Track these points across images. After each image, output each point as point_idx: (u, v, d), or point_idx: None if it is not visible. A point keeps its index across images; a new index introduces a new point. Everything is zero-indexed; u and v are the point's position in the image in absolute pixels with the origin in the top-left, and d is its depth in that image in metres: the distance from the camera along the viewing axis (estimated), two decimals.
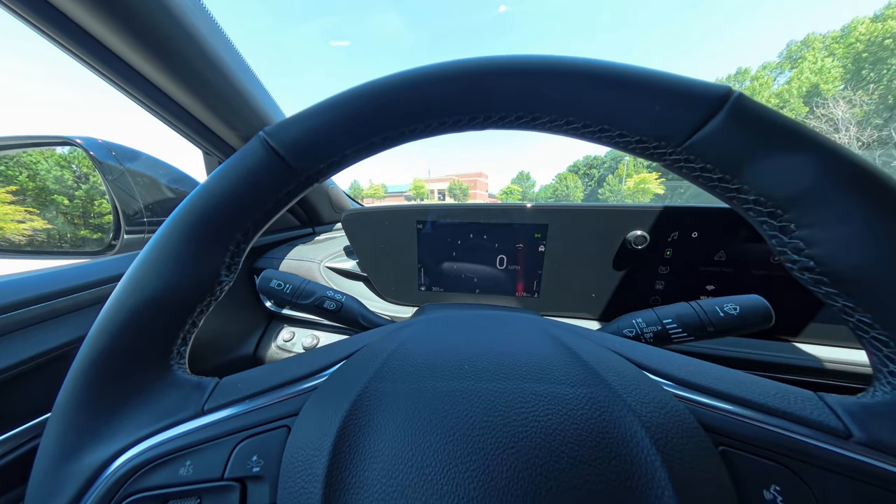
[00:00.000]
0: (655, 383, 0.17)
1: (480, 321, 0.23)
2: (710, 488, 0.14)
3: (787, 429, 0.15)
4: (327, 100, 0.17)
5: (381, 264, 0.62)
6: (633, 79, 0.15)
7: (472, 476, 0.13)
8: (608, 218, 0.50)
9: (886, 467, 0.14)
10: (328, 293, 0.39)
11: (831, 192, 0.14)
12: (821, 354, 0.45)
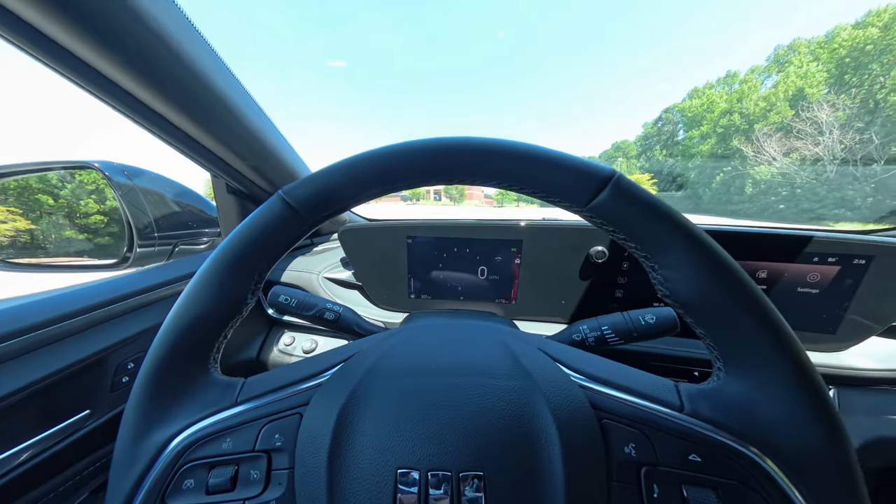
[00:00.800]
0: (566, 376, 0.25)
1: (450, 330, 0.30)
2: (588, 445, 0.21)
3: (645, 406, 0.23)
4: (332, 164, 0.24)
5: (374, 275, 0.67)
6: (553, 161, 0.22)
7: (432, 436, 0.20)
8: (574, 234, 0.57)
9: (698, 430, 0.21)
10: (328, 305, 0.45)
11: (670, 247, 0.21)
12: None
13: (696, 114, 68.87)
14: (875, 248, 0.46)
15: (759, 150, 47.15)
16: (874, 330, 0.51)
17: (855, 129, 40.42)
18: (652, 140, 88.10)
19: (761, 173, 49.28)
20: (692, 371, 0.58)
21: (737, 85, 65.96)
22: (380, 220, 0.90)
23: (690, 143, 71.04)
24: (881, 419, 0.53)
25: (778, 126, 50.38)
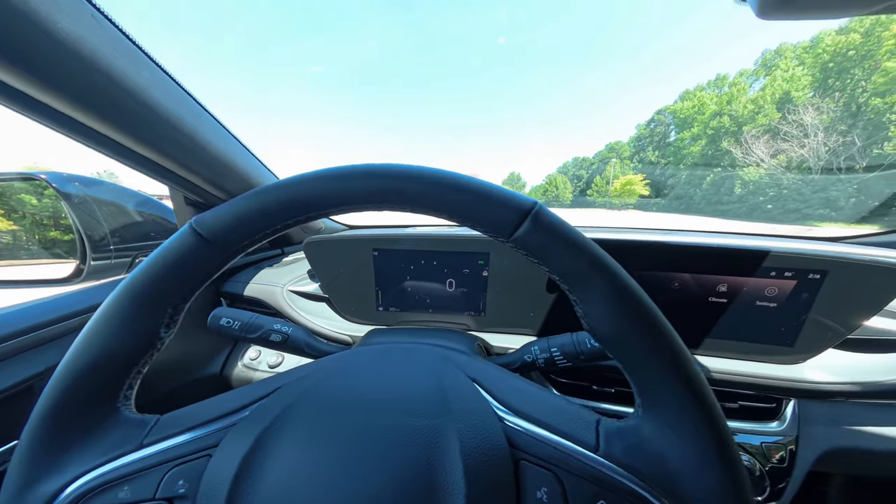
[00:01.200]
0: (490, 410, 0.24)
1: (386, 358, 0.30)
2: (496, 492, 0.20)
3: (561, 446, 0.22)
4: (243, 196, 0.23)
5: (341, 287, 0.67)
6: (475, 192, 0.21)
7: (330, 486, 0.19)
8: None
9: (608, 473, 0.20)
10: (275, 326, 0.44)
11: (586, 282, 0.21)
12: (709, 365, 0.54)
13: (688, 115, 70.22)
14: (829, 262, 0.47)
15: (748, 151, 48.32)
16: (830, 342, 0.52)
17: (838, 131, 41.68)
18: (644, 141, 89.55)
19: (750, 174, 50.49)
20: None
21: (726, 87, 67.48)
22: (350, 229, 0.87)
23: (682, 144, 72.38)
24: (839, 430, 0.54)
25: (765, 128, 51.69)
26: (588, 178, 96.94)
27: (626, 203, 74.68)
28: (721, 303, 0.51)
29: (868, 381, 0.50)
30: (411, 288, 0.64)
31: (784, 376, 0.52)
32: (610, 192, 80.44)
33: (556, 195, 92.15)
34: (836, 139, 41.26)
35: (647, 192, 75.60)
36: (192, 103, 0.48)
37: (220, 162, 0.57)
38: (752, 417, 0.55)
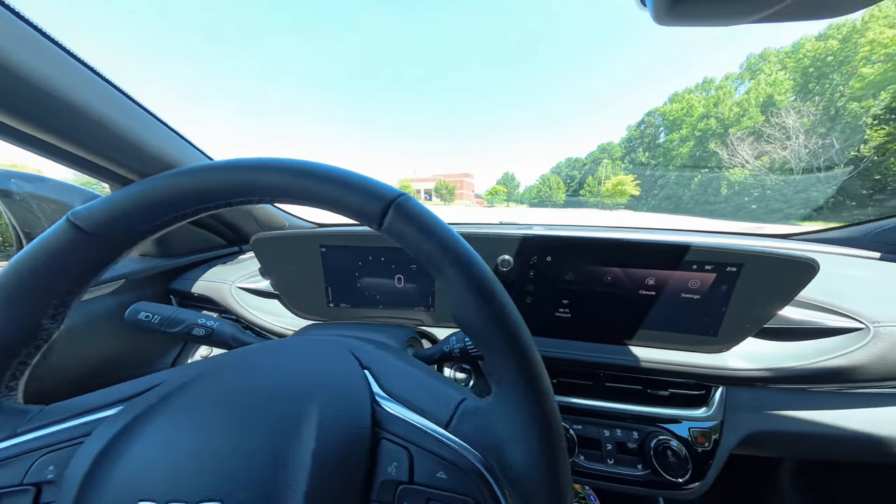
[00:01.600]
0: (366, 396, 0.25)
1: (285, 350, 0.31)
2: (346, 469, 0.21)
3: (418, 423, 0.24)
4: (126, 188, 0.23)
5: (291, 284, 0.67)
6: (346, 183, 0.22)
7: (179, 467, 0.20)
8: (482, 243, 0.59)
9: (452, 446, 0.22)
10: (199, 320, 0.44)
11: (444, 271, 0.21)
12: (640, 354, 0.59)
13: (677, 117, 71.80)
14: (744, 256, 0.51)
15: (734, 153, 49.69)
16: (749, 332, 0.56)
17: (818, 134, 43.23)
18: (635, 142, 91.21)
19: (735, 175, 51.93)
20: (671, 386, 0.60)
21: (713, 90, 69.23)
22: (305, 225, 0.90)
23: (671, 145, 73.99)
24: (761, 415, 0.59)
25: (750, 130, 53.24)
26: (581, 179, 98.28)
27: (618, 203, 75.93)
28: (650, 295, 0.55)
29: (780, 367, 0.54)
30: (361, 284, 0.65)
31: (709, 364, 0.56)
32: (602, 192, 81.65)
33: (550, 195, 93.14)
34: (815, 141, 42.79)
35: (637, 192, 77.01)
36: (85, 74, 0.45)
37: (126, 141, 0.53)
38: (683, 404, 0.59)
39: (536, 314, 0.61)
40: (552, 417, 0.21)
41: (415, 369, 0.30)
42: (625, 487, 0.57)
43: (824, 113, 43.72)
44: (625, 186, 75.31)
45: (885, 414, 0.57)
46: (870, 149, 35.91)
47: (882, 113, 35.82)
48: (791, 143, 44.15)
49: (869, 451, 0.58)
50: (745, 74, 67.77)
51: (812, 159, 42.39)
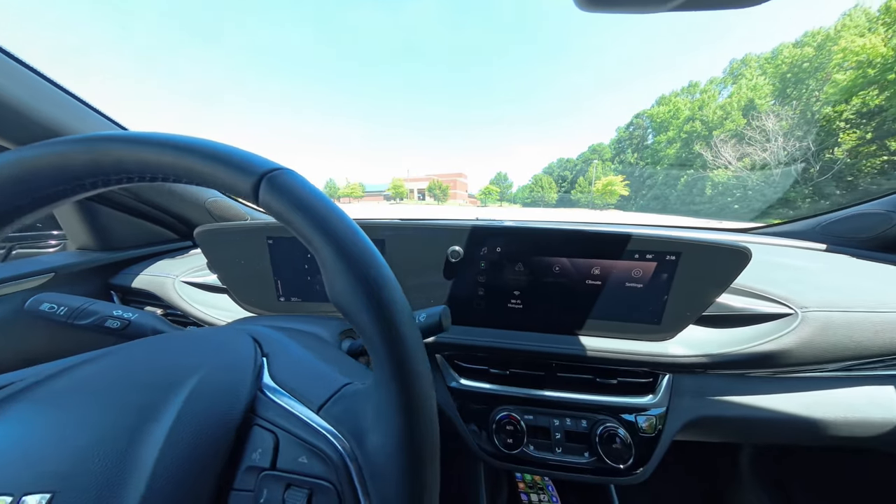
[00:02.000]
0: (246, 385, 0.25)
1: (188, 339, 0.29)
2: (201, 458, 0.20)
3: (294, 408, 0.23)
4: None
5: (238, 278, 0.64)
6: (216, 156, 0.20)
7: (18, 459, 0.18)
8: (432, 234, 0.59)
9: (320, 430, 0.22)
10: (114, 312, 0.40)
11: (318, 251, 0.21)
12: (589, 344, 0.59)
13: (664, 120, 73.67)
14: (682, 245, 0.52)
15: (717, 154, 51.35)
16: (690, 319, 0.57)
17: (796, 137, 45.14)
18: (624, 143, 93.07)
19: (719, 176, 53.70)
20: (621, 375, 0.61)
21: (698, 94, 71.29)
22: (265, 217, 0.87)
23: (658, 147, 75.84)
24: (703, 400, 0.60)
25: (733, 133, 55.11)
26: (572, 179, 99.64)
27: (608, 203, 77.40)
28: (597, 285, 0.56)
29: (717, 352, 0.55)
30: (310, 277, 0.62)
31: (653, 352, 0.57)
32: (592, 192, 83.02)
33: (542, 195, 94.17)
34: (793, 144, 44.68)
35: (627, 192, 78.59)
36: None
37: None
38: (631, 392, 0.61)
39: (490, 306, 0.61)
40: (417, 408, 0.19)
41: (315, 357, 0.29)
42: (572, 476, 0.58)
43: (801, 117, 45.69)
44: (614, 187, 76.75)
45: (816, 398, 0.59)
46: (843, 151, 37.69)
47: (853, 117, 37.70)
48: (771, 146, 45.95)
49: (805, 434, 0.60)
50: (728, 79, 70.14)
51: (790, 161, 44.23)
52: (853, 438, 0.61)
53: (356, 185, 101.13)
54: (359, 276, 0.20)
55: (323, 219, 0.20)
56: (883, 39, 36.18)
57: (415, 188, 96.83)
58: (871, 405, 0.59)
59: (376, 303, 0.19)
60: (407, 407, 0.19)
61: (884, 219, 0.83)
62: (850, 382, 0.60)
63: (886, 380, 0.60)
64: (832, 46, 39.94)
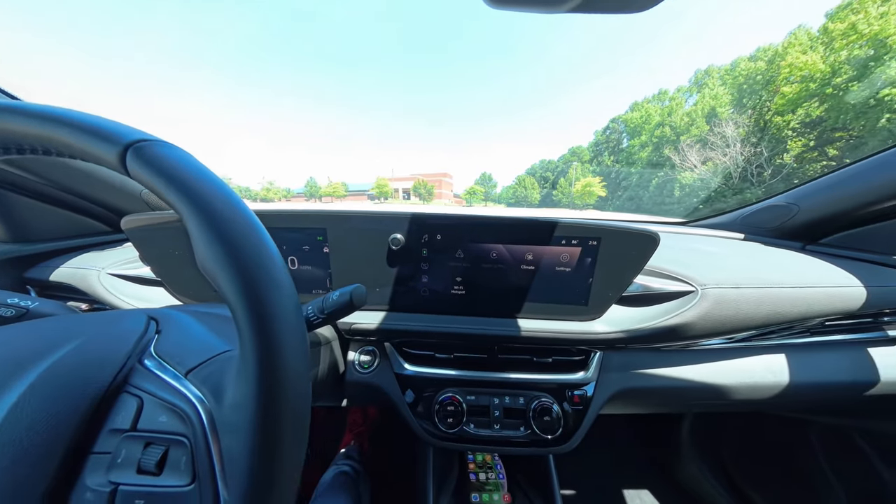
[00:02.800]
0: (122, 352, 0.26)
1: (65, 320, 0.29)
2: (59, 422, 0.21)
3: (165, 372, 0.25)
4: None
5: (173, 270, 0.62)
6: (82, 126, 0.19)
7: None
8: (373, 223, 0.59)
9: (184, 392, 0.23)
10: (9, 300, 0.38)
11: (188, 222, 0.19)
12: (527, 325, 0.62)
13: (637, 124, 77.79)
14: (601, 230, 0.56)
15: (685, 158, 54.94)
16: (612, 299, 0.61)
17: (751, 143, 49.26)
18: (602, 146, 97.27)
19: (686, 178, 57.49)
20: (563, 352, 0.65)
21: (667, 101, 76.02)
22: None
23: (633, 150, 79.95)
24: (627, 374, 0.66)
25: (698, 138, 59.25)
26: (553, 180, 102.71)
27: (588, 203, 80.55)
28: (530, 269, 0.59)
29: (632, 328, 0.61)
30: None
31: (581, 330, 0.61)
32: (572, 193, 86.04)
33: (526, 195, 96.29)
34: (749, 149, 48.74)
35: (604, 193, 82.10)
36: None
37: None
38: (566, 370, 0.65)
39: (435, 292, 0.63)
40: (271, 365, 0.19)
41: (208, 331, 0.30)
42: (509, 449, 0.62)
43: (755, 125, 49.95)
44: (593, 188, 79.89)
45: (721, 367, 0.67)
46: (790, 157, 41.57)
47: (799, 126, 41.71)
48: (730, 151, 49.79)
49: (713, 399, 0.68)
50: (693, 88, 75.28)
51: (747, 165, 48.24)
52: (752, 401, 0.69)
53: (338, 184, 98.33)
54: (217, 236, 0.19)
55: (191, 186, 0.19)
56: (822, 57, 40.31)
57: (400, 188, 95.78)
58: (765, 371, 0.67)
59: (233, 261, 0.19)
60: (259, 361, 0.19)
61: (785, 210, 0.94)
62: (750, 352, 0.68)
63: (779, 349, 0.69)
64: (780, 61, 43.95)
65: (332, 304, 0.37)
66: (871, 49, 36.62)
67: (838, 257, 0.78)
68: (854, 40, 36.34)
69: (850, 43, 36.63)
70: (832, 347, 0.70)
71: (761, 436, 1.11)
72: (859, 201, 0.77)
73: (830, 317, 0.65)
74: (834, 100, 37.69)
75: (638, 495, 1.21)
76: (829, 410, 0.85)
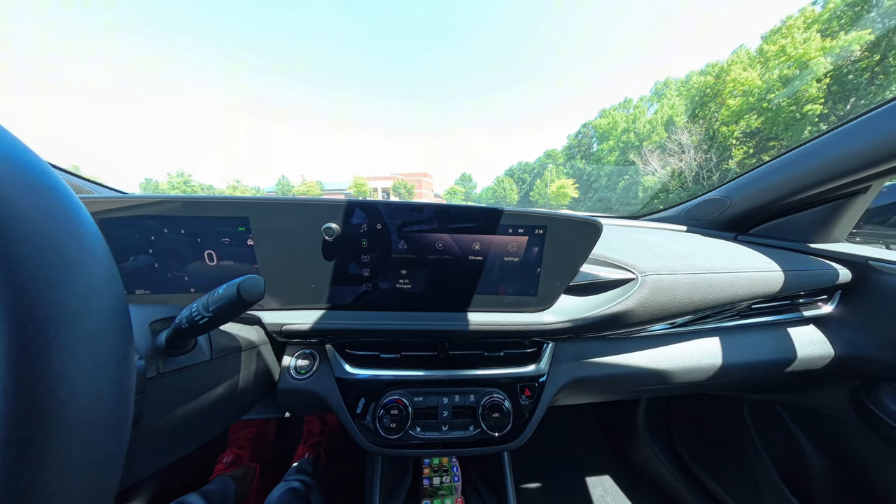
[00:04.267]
0: None
1: None
2: None
3: None
4: None
5: None
6: None
7: None
8: (303, 211, 0.52)
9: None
10: None
11: None
12: (476, 319, 0.60)
13: (605, 130, 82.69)
14: (546, 219, 0.55)
15: (647, 162, 59.23)
16: (560, 289, 0.60)
17: (702, 150, 54.17)
18: (574, 150, 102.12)
19: (648, 181, 62.04)
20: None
21: (631, 109, 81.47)
22: (110, 194, 0.73)
23: (602, 154, 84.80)
24: (576, 364, 0.67)
25: (658, 144, 64.08)
26: (530, 182, 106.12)
27: (562, 204, 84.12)
28: (478, 261, 0.57)
29: (578, 317, 0.60)
30: (160, 264, 0.52)
31: (530, 322, 0.60)
32: (548, 194, 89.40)
33: (505, 195, 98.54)
34: (701, 156, 53.60)
35: (577, 194, 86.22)
36: None
37: None
38: (518, 363, 0.64)
39: (378, 287, 0.59)
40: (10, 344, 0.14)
41: None
42: (457, 451, 0.60)
43: (706, 133, 55.03)
44: (566, 189, 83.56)
45: (664, 352, 0.70)
46: (735, 163, 46.22)
47: (741, 136, 46.54)
48: (685, 157, 54.37)
49: (658, 382, 0.70)
50: (654, 97, 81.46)
51: (699, 170, 52.99)
52: (693, 383, 0.72)
53: (313, 182, 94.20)
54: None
55: None
56: (758, 74, 45.24)
57: (379, 187, 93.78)
58: (702, 354, 0.70)
59: None
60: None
61: (721, 203, 1.00)
62: (689, 336, 0.72)
63: (713, 332, 0.73)
64: (725, 77, 48.69)
65: (217, 300, 0.31)
66: (796, 69, 41.77)
67: (764, 245, 0.83)
68: (784, 61, 41.32)
69: (781, 63, 41.60)
70: (758, 329, 0.74)
71: (703, 415, 1.18)
72: (781, 192, 0.82)
73: (756, 300, 0.68)
74: (768, 112, 42.48)
75: (599, 482, 1.24)
76: (758, 388, 0.89)
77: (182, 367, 0.36)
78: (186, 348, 0.38)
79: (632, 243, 0.77)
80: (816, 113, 37.01)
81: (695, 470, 1.17)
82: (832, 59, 41.61)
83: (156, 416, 0.32)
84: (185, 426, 0.37)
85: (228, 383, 0.45)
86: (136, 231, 0.49)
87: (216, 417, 0.45)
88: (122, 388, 0.16)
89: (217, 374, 0.43)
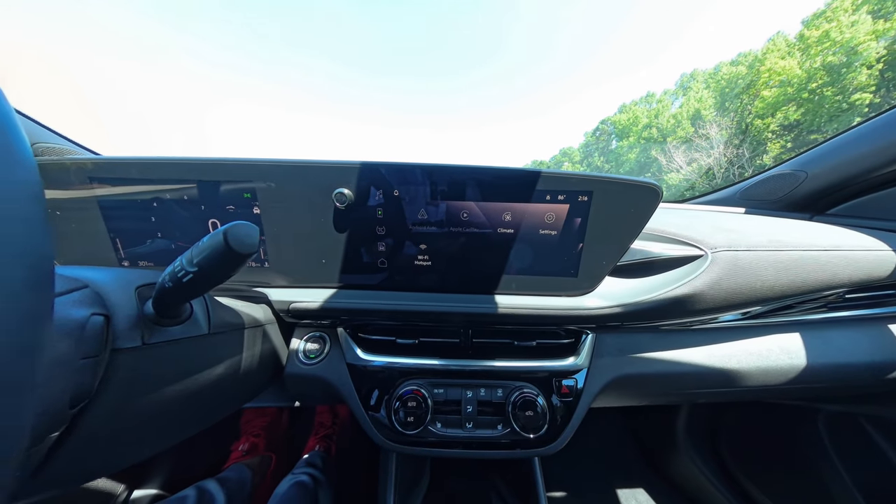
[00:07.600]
0: None
1: None
2: None
3: None
4: None
5: (64, 236, 0.48)
6: None
7: None
8: (314, 175, 0.46)
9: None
10: None
11: None
12: (505, 302, 0.53)
13: (625, 126, 79.44)
14: (592, 182, 0.46)
15: (671, 159, 56.34)
16: (606, 268, 0.52)
17: (733, 145, 50.88)
18: (591, 147, 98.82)
19: (672, 180, 59.10)
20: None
21: (654, 104, 77.85)
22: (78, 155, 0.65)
23: (621, 151, 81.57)
24: (623, 359, 0.58)
25: (683, 140, 60.87)
26: None
27: None
28: (509, 234, 0.49)
29: (631, 301, 0.51)
30: (162, 234, 0.48)
31: (569, 306, 0.52)
32: None
33: None
34: (732, 151, 50.39)
35: None
36: None
37: None
38: (553, 356, 0.56)
39: (395, 263, 0.53)
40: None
41: None
42: (481, 453, 0.52)
43: (737, 127, 51.63)
44: None
45: (730, 349, 0.58)
46: (770, 158, 43.12)
47: (777, 129, 43.30)
48: (714, 152, 51.28)
49: (721, 385, 0.58)
50: (679, 91, 77.47)
51: (729, 166, 49.82)
52: (763, 388, 0.59)
53: None
54: None
55: None
56: (798, 63, 41.94)
57: None
58: (781, 353, 0.58)
59: None
60: None
61: (792, 179, 0.88)
62: (762, 331, 0.59)
63: (793, 327, 0.60)
64: (760, 66, 45.53)
65: (201, 251, 0.27)
66: (843, 56, 38.33)
67: (852, 227, 0.67)
68: (828, 47, 37.98)
69: (824, 50, 38.28)
70: (851, 324, 0.61)
71: (761, 427, 1.02)
72: (870, 163, 0.69)
73: (853, 287, 0.56)
74: (810, 104, 39.27)
75: (633, 496, 1.11)
76: (841, 396, 0.74)
77: (175, 339, 0.33)
78: (180, 317, 0.34)
79: (689, 219, 0.66)
80: (866, 102, 33.81)
81: (748, 488, 1.01)
82: (885, 42, 37.84)
83: (142, 390, 0.29)
84: (180, 405, 0.34)
85: (230, 363, 0.41)
86: (133, 195, 0.45)
87: (217, 400, 0.43)
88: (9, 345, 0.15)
89: (216, 352, 0.39)
